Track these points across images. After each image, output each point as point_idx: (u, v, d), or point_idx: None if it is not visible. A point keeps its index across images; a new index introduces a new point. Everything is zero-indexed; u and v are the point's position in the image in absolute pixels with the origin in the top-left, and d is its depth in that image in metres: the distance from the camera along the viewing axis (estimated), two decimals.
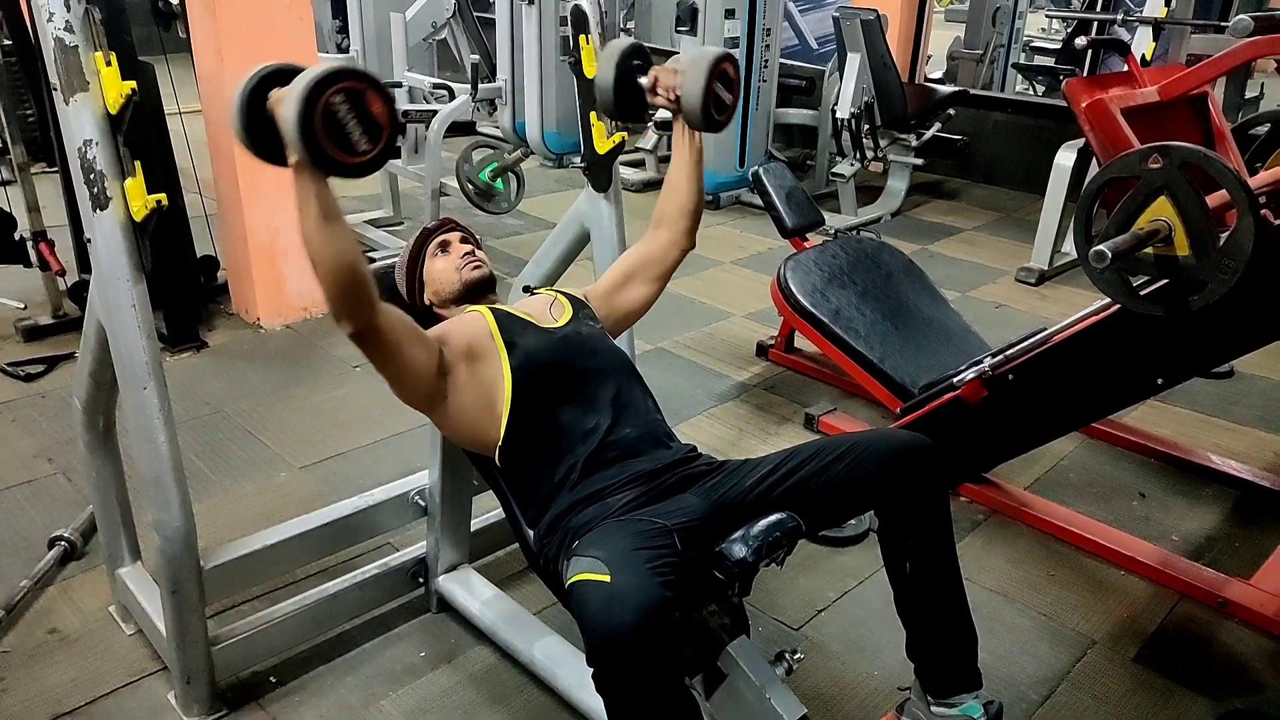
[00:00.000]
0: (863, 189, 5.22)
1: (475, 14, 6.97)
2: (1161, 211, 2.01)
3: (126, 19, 3.08)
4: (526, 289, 1.91)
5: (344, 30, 7.61)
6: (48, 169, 4.43)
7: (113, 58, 1.48)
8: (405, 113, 4.10)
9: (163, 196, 1.52)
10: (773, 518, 1.43)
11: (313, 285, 3.73)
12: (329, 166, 1.32)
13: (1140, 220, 2.04)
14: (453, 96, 4.21)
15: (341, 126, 1.29)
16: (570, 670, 1.85)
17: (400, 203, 4.96)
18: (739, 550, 1.39)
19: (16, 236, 3.43)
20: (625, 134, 2.20)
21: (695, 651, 1.44)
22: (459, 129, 4.34)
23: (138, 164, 1.53)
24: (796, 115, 5.98)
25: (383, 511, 2.09)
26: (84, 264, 3.87)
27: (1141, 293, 2.06)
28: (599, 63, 1.85)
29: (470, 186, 3.79)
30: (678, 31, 5.05)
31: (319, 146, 1.28)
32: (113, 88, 1.48)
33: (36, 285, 3.60)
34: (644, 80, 1.81)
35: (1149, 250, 2.02)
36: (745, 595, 1.43)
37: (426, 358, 1.57)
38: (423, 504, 2.09)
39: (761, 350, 3.60)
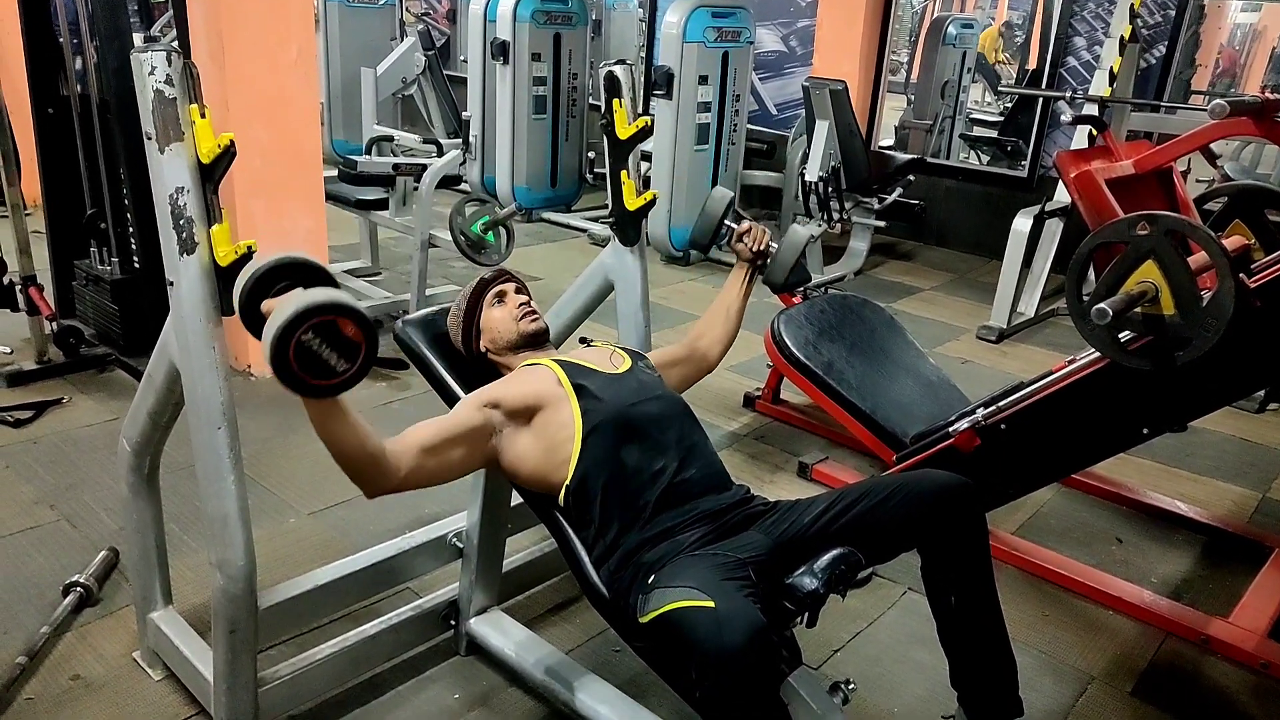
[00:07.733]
0: (825, 249, 5.44)
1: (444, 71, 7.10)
2: (1149, 274, 2.18)
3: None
4: (584, 340, 2.00)
5: None
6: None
7: (207, 111, 1.55)
8: (396, 166, 4.18)
9: (253, 242, 1.57)
10: (836, 552, 1.52)
11: None
12: (309, 393, 1.38)
13: (1129, 282, 2.21)
14: (441, 151, 4.31)
15: (316, 356, 1.33)
16: (613, 709, 1.89)
17: (379, 253, 5.00)
18: (809, 582, 1.48)
19: (5, 281, 3.37)
20: (656, 193, 2.32)
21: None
22: (443, 182, 4.43)
23: (224, 210, 1.59)
24: (761, 177, 6.23)
25: (422, 553, 2.13)
26: (66, 309, 3.82)
27: (1130, 348, 2.23)
28: (707, 203, 2.26)
29: (463, 238, 3.87)
30: (654, 96, 5.23)
31: (297, 380, 1.34)
32: (206, 139, 1.54)
33: (18, 329, 3.55)
34: (735, 226, 2.21)
35: (1136, 309, 2.19)
36: (813, 626, 1.52)
37: (468, 451, 1.70)
38: (460, 546, 2.13)
39: (748, 401, 3.71)
